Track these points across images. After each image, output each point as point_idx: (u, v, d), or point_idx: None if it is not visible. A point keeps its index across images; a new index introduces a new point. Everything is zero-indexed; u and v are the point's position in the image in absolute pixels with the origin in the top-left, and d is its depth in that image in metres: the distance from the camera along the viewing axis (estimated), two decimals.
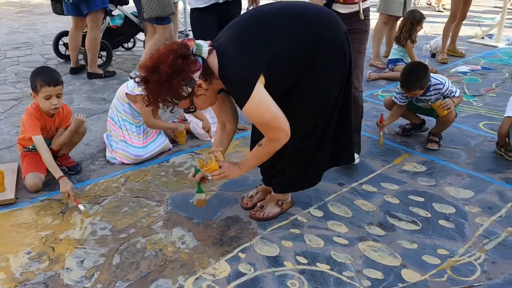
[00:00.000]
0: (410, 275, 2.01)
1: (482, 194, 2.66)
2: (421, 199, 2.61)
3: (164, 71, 1.75)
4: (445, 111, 3.07)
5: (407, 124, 3.52)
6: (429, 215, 2.46)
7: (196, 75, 1.81)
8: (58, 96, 2.57)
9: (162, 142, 3.07)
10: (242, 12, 2.60)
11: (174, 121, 3.34)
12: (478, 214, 2.47)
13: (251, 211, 2.41)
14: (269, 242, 2.21)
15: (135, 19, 5.03)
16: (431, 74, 3.15)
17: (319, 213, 2.45)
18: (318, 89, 2.02)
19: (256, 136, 2.37)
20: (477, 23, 7.93)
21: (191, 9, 3.43)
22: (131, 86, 2.95)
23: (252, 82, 1.82)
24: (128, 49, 5.72)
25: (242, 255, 2.11)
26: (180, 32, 6.76)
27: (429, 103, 3.15)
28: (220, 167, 2.08)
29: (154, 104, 1.85)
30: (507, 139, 3.12)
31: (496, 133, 3.21)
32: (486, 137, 3.46)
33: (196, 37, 3.67)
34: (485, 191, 2.70)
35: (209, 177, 2.13)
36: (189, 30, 6.91)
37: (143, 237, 2.22)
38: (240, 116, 2.25)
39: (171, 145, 3.13)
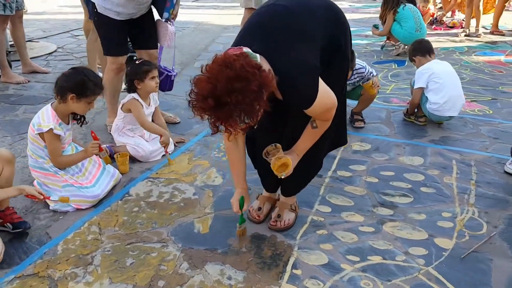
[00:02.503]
0: (444, 243, 2.17)
1: (429, 158, 3.01)
2: (392, 173, 2.81)
3: (251, 90, 1.48)
4: (375, 89, 3.34)
5: None
6: (410, 186, 2.67)
7: None
8: None
9: (113, 173, 2.58)
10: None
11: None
12: (442, 175, 2.79)
13: (269, 223, 2.24)
14: (310, 250, 2.10)
15: None
16: None
17: (327, 209, 2.42)
18: (341, 74, 2.03)
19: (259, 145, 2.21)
20: None
21: (98, 12, 2.96)
22: (37, 123, 2.35)
23: (316, 83, 1.71)
24: None
25: (297, 272, 1.96)
26: None
27: (361, 83, 3.38)
28: None
29: (225, 131, 1.57)
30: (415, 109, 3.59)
31: (389, 103, 3.65)
32: (388, 109, 3.89)
33: (106, 47, 3.18)
34: (428, 154, 3.06)
35: (284, 175, 1.98)
36: None
37: (180, 286, 1.86)
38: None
39: (121, 175, 2.66)
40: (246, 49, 1.64)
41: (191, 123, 3.47)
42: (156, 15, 3.24)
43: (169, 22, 3.14)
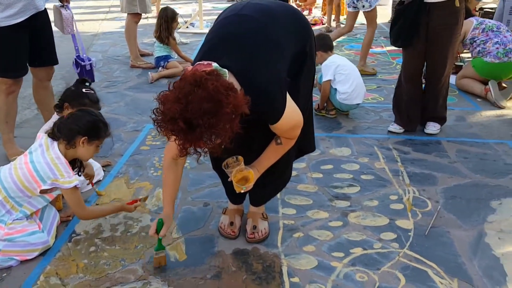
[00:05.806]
0: (405, 223, 2.35)
1: (354, 147, 3.22)
2: (331, 166, 2.94)
3: (225, 113, 1.40)
4: None
5: None
6: (352, 176, 2.83)
7: None
8: None
9: (55, 213, 2.22)
10: None
11: None
12: (372, 162, 3.00)
13: (247, 236, 2.17)
14: (296, 255, 2.09)
15: None
16: None
17: (292, 211, 2.44)
18: (310, 80, 2.04)
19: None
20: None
21: None
22: (48, 177, 2.00)
23: (285, 97, 1.71)
24: None
25: (295, 280, 1.94)
26: None
27: None
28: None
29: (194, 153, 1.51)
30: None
31: None
32: None
33: (2, 68, 2.76)
34: (352, 145, 3.27)
35: (244, 189, 1.86)
36: None
37: None
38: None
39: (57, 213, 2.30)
40: (214, 64, 1.55)
41: (110, 141, 3.16)
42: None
43: (63, 7, 3.22)
